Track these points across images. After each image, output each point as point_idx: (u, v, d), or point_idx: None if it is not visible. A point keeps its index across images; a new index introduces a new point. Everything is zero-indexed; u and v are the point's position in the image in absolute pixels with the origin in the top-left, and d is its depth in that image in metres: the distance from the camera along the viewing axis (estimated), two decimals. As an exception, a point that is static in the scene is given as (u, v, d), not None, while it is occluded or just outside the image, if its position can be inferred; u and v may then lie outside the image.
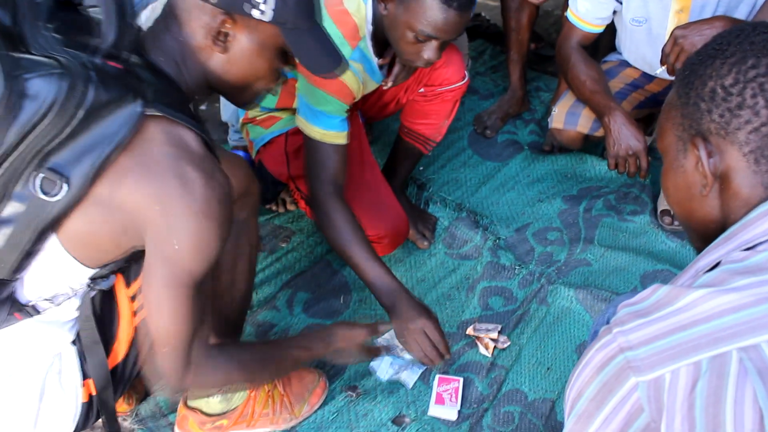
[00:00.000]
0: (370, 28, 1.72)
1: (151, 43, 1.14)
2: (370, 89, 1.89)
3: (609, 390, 0.80)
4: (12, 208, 1.00)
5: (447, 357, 1.69)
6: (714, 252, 0.86)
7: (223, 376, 1.23)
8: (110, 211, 1.04)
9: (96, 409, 1.28)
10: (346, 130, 1.75)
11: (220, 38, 1.14)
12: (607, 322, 0.85)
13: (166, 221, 1.04)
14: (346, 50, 1.70)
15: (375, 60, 1.78)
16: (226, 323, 1.50)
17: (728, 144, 0.85)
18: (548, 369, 1.80)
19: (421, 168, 2.46)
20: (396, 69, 1.85)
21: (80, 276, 1.14)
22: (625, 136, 1.94)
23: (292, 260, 2.13)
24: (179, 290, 1.09)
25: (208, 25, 1.12)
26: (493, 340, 1.84)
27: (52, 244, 1.06)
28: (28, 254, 1.05)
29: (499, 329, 1.87)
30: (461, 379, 1.74)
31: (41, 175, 0.98)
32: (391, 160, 2.23)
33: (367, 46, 1.74)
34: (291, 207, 2.27)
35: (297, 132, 1.91)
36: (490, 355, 1.82)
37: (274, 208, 2.26)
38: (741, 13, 1.82)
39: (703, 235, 0.93)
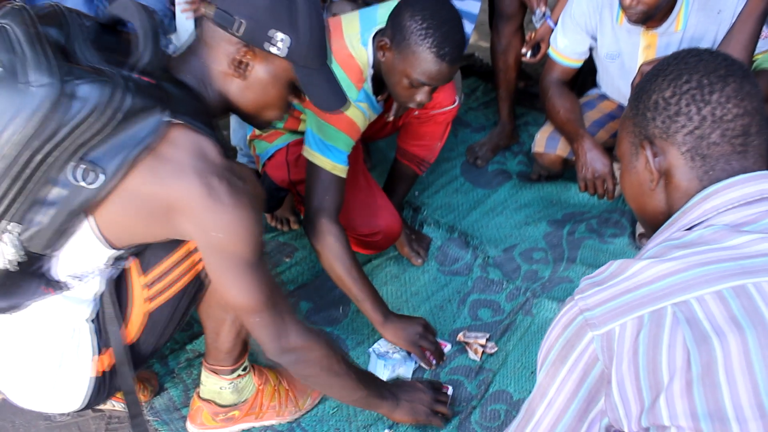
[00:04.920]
0: (371, 71, 1.90)
1: (181, 64, 1.34)
2: (372, 120, 2.08)
3: (571, 345, 0.96)
4: (56, 192, 1.18)
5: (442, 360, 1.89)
6: (660, 235, 1.04)
7: (318, 345, 1.43)
8: (142, 200, 1.22)
9: (107, 386, 1.43)
10: (347, 166, 1.91)
11: (240, 66, 1.33)
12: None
13: (202, 217, 1.24)
14: (352, 92, 1.87)
15: (374, 98, 1.97)
16: (237, 332, 1.62)
17: (669, 145, 1.03)
18: (532, 372, 1.95)
19: (417, 193, 2.64)
20: (395, 104, 2.03)
21: (105, 255, 1.30)
22: (591, 160, 2.14)
23: (296, 273, 2.29)
24: (238, 267, 1.29)
25: (230, 54, 1.32)
26: (481, 345, 1.99)
27: (87, 226, 1.23)
28: (66, 233, 1.22)
29: (487, 337, 2.03)
30: (449, 345, 1.94)
31: (82, 165, 1.17)
32: (389, 182, 2.41)
33: (369, 86, 1.93)
34: (294, 226, 2.44)
35: (297, 144, 2.09)
36: (478, 360, 1.97)
37: (279, 226, 2.43)
38: (702, 50, 2.03)
39: (654, 224, 1.10)
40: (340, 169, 1.87)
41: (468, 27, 2.56)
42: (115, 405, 1.75)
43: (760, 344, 0.83)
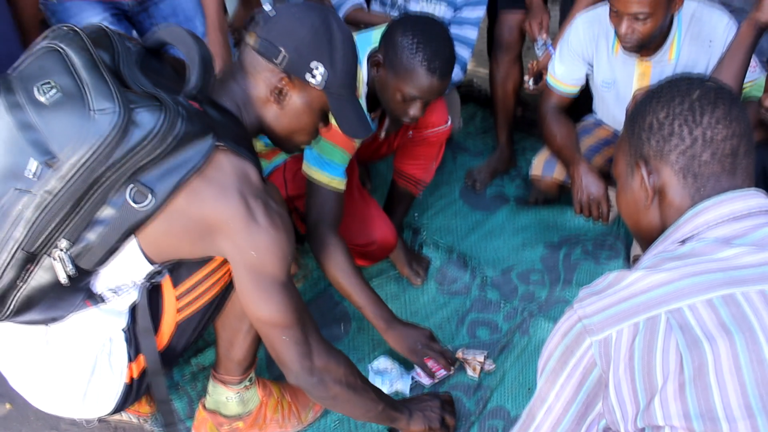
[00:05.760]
0: (365, 89, 1.98)
1: (220, 89, 1.41)
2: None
3: (571, 351, 1.01)
4: (107, 211, 1.24)
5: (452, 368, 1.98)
6: (655, 249, 1.10)
7: (340, 364, 1.47)
8: (186, 220, 1.28)
9: (133, 393, 1.47)
10: (345, 179, 1.99)
11: (279, 94, 1.41)
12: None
13: (240, 237, 1.30)
14: None
15: (368, 115, 2.04)
16: (251, 342, 1.67)
17: (663, 164, 1.09)
18: (529, 390, 1.99)
19: (416, 215, 2.70)
20: (387, 122, 2.11)
21: (144, 271, 1.36)
22: (587, 184, 2.21)
23: (298, 292, 2.33)
24: (270, 286, 1.34)
25: (271, 82, 1.41)
26: (479, 363, 2.04)
27: (131, 243, 1.29)
28: (113, 251, 1.28)
29: (485, 355, 2.07)
30: (451, 370, 1.98)
31: (134, 188, 1.22)
32: (388, 203, 2.48)
33: (363, 104, 2.00)
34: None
35: (294, 161, 2.17)
36: (477, 377, 2.01)
37: (282, 246, 2.48)
38: (694, 78, 2.11)
39: (649, 239, 1.16)
40: (337, 182, 1.95)
41: (465, 53, 2.65)
42: (122, 415, 1.78)
43: (747, 349, 0.89)
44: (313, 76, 1.40)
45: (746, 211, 1.03)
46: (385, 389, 1.93)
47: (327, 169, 1.93)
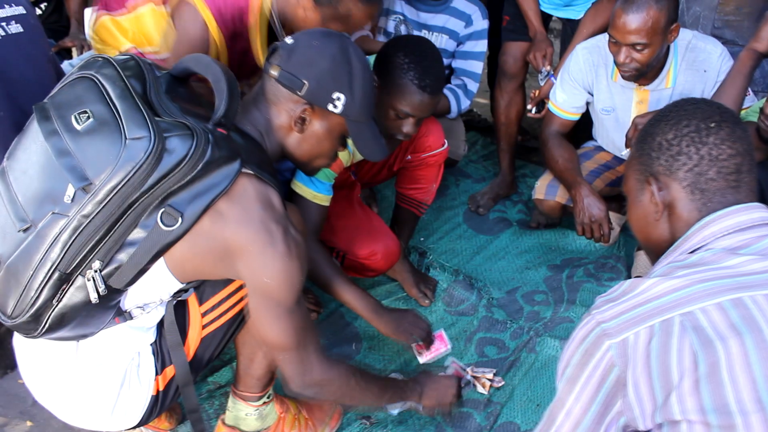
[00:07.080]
0: None
1: (242, 115, 1.47)
2: (359, 158, 2.22)
3: (590, 354, 1.08)
4: (138, 233, 1.30)
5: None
6: (666, 259, 1.17)
7: (339, 377, 1.53)
8: (210, 241, 1.34)
9: (159, 405, 1.53)
10: (330, 195, 2.07)
11: (299, 122, 1.48)
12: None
13: (256, 262, 1.36)
14: None
15: None
16: (270, 359, 1.71)
17: (672, 181, 1.17)
18: (537, 405, 2.05)
19: (422, 239, 2.77)
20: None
21: (170, 289, 1.42)
22: (588, 206, 2.30)
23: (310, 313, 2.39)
24: (277, 311, 1.40)
25: (292, 111, 1.48)
26: (489, 380, 2.09)
27: (159, 263, 1.35)
28: (142, 271, 1.33)
29: (494, 372, 2.13)
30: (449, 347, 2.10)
31: (164, 210, 1.28)
32: (393, 226, 2.54)
33: None
34: (307, 268, 2.55)
35: None
36: (486, 393, 2.07)
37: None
38: (691, 104, 2.22)
39: (658, 251, 1.23)
40: (320, 198, 2.03)
41: (473, 85, 2.76)
42: (143, 430, 1.82)
43: (757, 347, 0.96)
44: (335, 106, 1.48)
45: (750, 223, 1.11)
46: (398, 406, 1.98)
47: (310, 185, 2.02)
